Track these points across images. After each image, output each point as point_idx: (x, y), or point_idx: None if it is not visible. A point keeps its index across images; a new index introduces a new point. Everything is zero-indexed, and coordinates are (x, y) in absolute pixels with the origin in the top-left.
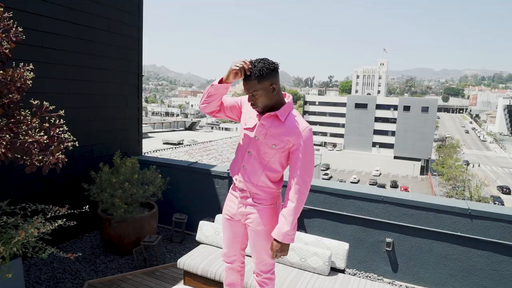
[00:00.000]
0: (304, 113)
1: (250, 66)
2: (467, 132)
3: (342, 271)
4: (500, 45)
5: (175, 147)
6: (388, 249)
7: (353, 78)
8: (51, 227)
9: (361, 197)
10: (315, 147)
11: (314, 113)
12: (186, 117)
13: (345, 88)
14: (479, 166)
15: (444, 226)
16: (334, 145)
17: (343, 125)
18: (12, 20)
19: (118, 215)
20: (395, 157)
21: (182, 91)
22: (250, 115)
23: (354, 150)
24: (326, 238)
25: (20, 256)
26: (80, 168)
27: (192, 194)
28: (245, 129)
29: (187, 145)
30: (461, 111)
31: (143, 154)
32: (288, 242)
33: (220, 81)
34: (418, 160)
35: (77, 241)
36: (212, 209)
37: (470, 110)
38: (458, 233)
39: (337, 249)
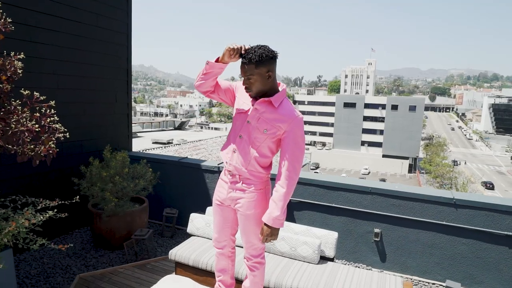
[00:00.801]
0: None
1: (246, 50)
2: (452, 129)
3: (332, 260)
4: (485, 45)
5: (165, 146)
6: (376, 239)
7: (342, 77)
8: (41, 217)
9: (350, 189)
10: (305, 146)
11: (303, 113)
12: (176, 117)
13: (334, 88)
14: (465, 163)
15: (430, 216)
16: (324, 144)
17: (332, 124)
18: (1, 11)
19: (108, 209)
20: (384, 156)
21: (171, 91)
22: (244, 100)
23: (343, 149)
24: (316, 228)
25: (11, 248)
26: (70, 163)
27: (182, 189)
28: (238, 113)
29: (176, 144)
30: (447, 110)
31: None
32: (278, 227)
33: (216, 60)
34: (406, 158)
35: (67, 237)
36: (202, 203)
37: (457, 109)
38: (444, 222)
39: (326, 238)
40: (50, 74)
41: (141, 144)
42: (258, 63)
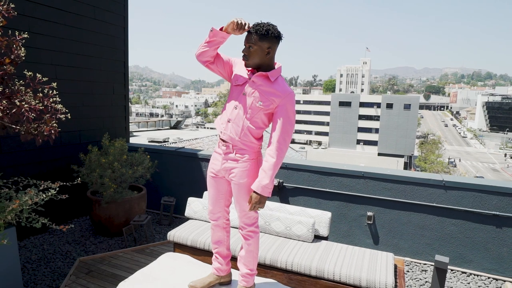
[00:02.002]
0: None
1: (251, 26)
2: (446, 125)
3: (325, 238)
4: (479, 44)
5: (161, 145)
6: (369, 222)
7: (337, 77)
8: (44, 196)
9: (343, 174)
10: (301, 145)
11: (299, 112)
12: (171, 117)
13: (329, 87)
14: (459, 161)
15: (421, 198)
16: (319, 143)
17: (327, 123)
18: None
19: (107, 195)
20: (379, 154)
21: (166, 91)
22: (241, 74)
23: (339, 148)
24: (310, 208)
25: (14, 226)
26: (68, 153)
27: (179, 178)
28: (235, 85)
29: (172, 143)
30: (442, 109)
31: None
32: (266, 195)
33: (220, 30)
34: (402, 156)
35: (66, 226)
36: (200, 191)
37: (451, 107)
38: (434, 204)
39: (320, 218)
40: (47, 65)
41: (137, 143)
42: (262, 36)
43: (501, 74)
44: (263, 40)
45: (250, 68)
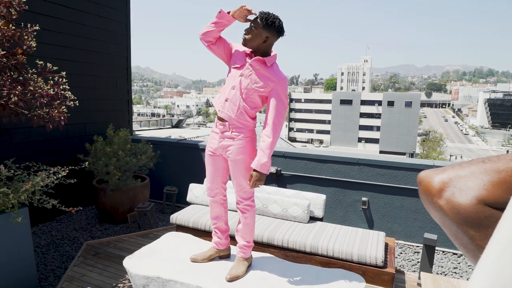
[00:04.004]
0: (290, 110)
1: (256, 18)
2: (446, 120)
3: (320, 219)
4: (480, 41)
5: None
6: (364, 207)
7: (338, 75)
8: (54, 178)
9: (338, 161)
10: (302, 144)
11: (300, 111)
12: (173, 117)
13: (330, 85)
14: (461, 158)
15: (413, 183)
16: (321, 142)
17: (329, 122)
18: None
19: (112, 183)
20: (381, 152)
21: (167, 91)
22: (239, 58)
23: (340, 146)
24: (305, 192)
25: (27, 206)
26: (74, 144)
27: (181, 168)
28: (233, 68)
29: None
30: (444, 106)
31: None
32: (265, 172)
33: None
34: (403, 154)
35: (72, 214)
36: (200, 180)
37: (453, 105)
38: None
39: (315, 200)
40: (53, 59)
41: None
42: (265, 25)
43: (503, 71)
44: (265, 28)
45: (248, 52)
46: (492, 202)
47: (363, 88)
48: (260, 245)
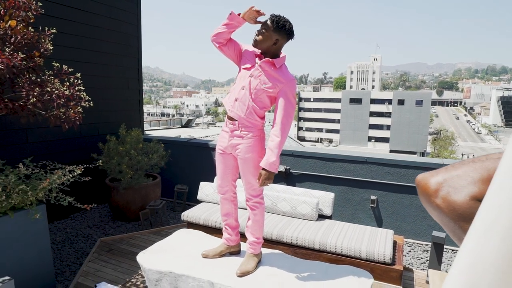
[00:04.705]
0: (300, 109)
1: (268, 22)
2: (457, 118)
3: (329, 217)
4: (493, 38)
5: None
6: (372, 205)
7: (347, 74)
8: (70, 175)
9: (347, 160)
10: (311, 143)
11: (309, 110)
12: (182, 116)
13: (340, 84)
14: (473, 157)
15: None
16: (330, 141)
17: (338, 121)
18: None
19: (125, 181)
20: (391, 151)
21: (177, 91)
22: (248, 59)
23: (350, 145)
24: (314, 190)
25: (44, 203)
26: (88, 144)
27: (191, 167)
28: (243, 68)
29: None
30: (455, 104)
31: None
32: (273, 171)
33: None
34: (414, 153)
35: (86, 212)
36: (211, 179)
37: (465, 103)
38: None
39: (323, 198)
40: (68, 61)
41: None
42: (276, 28)
43: None
44: (276, 31)
45: (258, 53)
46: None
47: (373, 87)
48: (269, 242)
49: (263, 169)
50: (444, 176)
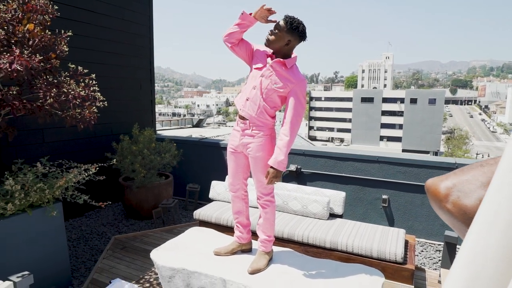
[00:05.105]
0: (311, 109)
1: (282, 23)
2: (471, 117)
3: (340, 216)
4: (509, 35)
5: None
6: (384, 205)
7: (359, 72)
8: (85, 174)
9: (358, 159)
10: (323, 142)
11: (320, 109)
12: (193, 116)
13: (351, 83)
14: (488, 156)
15: None
16: (342, 140)
17: (349, 120)
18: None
19: (138, 180)
20: (403, 150)
21: (188, 91)
22: (260, 59)
23: (361, 145)
24: (325, 189)
25: (61, 201)
26: (102, 144)
27: (203, 167)
28: (254, 68)
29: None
30: (469, 103)
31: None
32: (281, 170)
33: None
34: (427, 152)
35: (100, 211)
36: (222, 178)
37: (479, 102)
38: None
39: (335, 197)
40: (82, 62)
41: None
42: (290, 29)
43: None
44: (289, 32)
45: (269, 53)
46: None
47: (385, 86)
48: (280, 241)
49: (271, 167)
50: (454, 181)
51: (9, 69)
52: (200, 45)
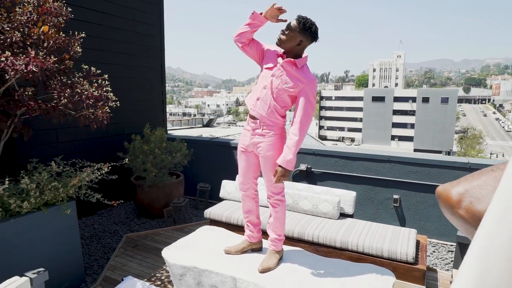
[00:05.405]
0: (321, 108)
1: (294, 23)
2: (485, 115)
3: (351, 216)
4: None
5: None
6: (395, 205)
7: (370, 71)
8: (98, 173)
9: (369, 158)
10: (333, 142)
11: (330, 108)
12: (203, 116)
13: (362, 82)
14: (503, 156)
15: (447, 180)
16: (352, 140)
17: (360, 119)
18: (64, 2)
19: (149, 179)
20: (415, 150)
21: (198, 91)
22: (270, 58)
23: (372, 144)
24: (335, 188)
25: (74, 200)
26: (114, 143)
27: (213, 166)
28: (265, 68)
29: None
30: (483, 102)
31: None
32: (290, 169)
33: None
34: (439, 152)
35: (112, 209)
36: (232, 177)
37: (493, 100)
38: None
39: (345, 197)
40: (94, 63)
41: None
42: (301, 30)
43: None
44: (301, 32)
45: (280, 53)
46: None
47: (396, 85)
48: (291, 240)
49: (280, 166)
50: (465, 186)
51: (25, 71)
52: (211, 45)
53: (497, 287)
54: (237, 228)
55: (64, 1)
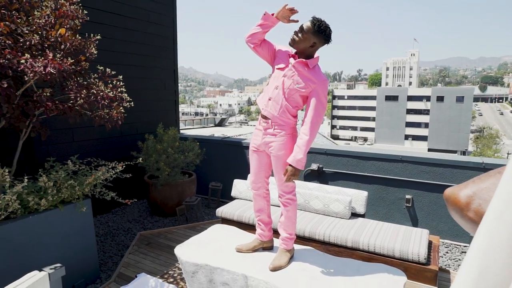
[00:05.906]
0: (333, 107)
1: (309, 24)
2: (501, 114)
3: (362, 216)
4: None
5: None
6: (408, 205)
7: (383, 70)
8: (113, 172)
9: (381, 158)
10: (346, 141)
11: (343, 107)
12: (215, 116)
13: (375, 81)
14: None
15: (460, 181)
16: (365, 139)
17: (373, 119)
18: (80, 5)
19: (162, 178)
20: (429, 150)
21: (210, 91)
22: (282, 59)
23: (386, 144)
24: (347, 188)
25: (90, 198)
26: (127, 143)
27: (225, 165)
28: (277, 69)
29: None
30: (500, 100)
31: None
32: (300, 168)
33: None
34: (454, 152)
35: (126, 208)
36: (244, 176)
37: (511, 99)
38: None
39: (357, 196)
40: (109, 64)
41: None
42: (315, 32)
43: None
44: (315, 34)
45: (292, 53)
46: None
47: (410, 83)
48: (302, 239)
49: (290, 165)
50: (473, 189)
51: (43, 72)
52: (223, 44)
53: (497, 284)
54: (249, 227)
55: (80, 4)
